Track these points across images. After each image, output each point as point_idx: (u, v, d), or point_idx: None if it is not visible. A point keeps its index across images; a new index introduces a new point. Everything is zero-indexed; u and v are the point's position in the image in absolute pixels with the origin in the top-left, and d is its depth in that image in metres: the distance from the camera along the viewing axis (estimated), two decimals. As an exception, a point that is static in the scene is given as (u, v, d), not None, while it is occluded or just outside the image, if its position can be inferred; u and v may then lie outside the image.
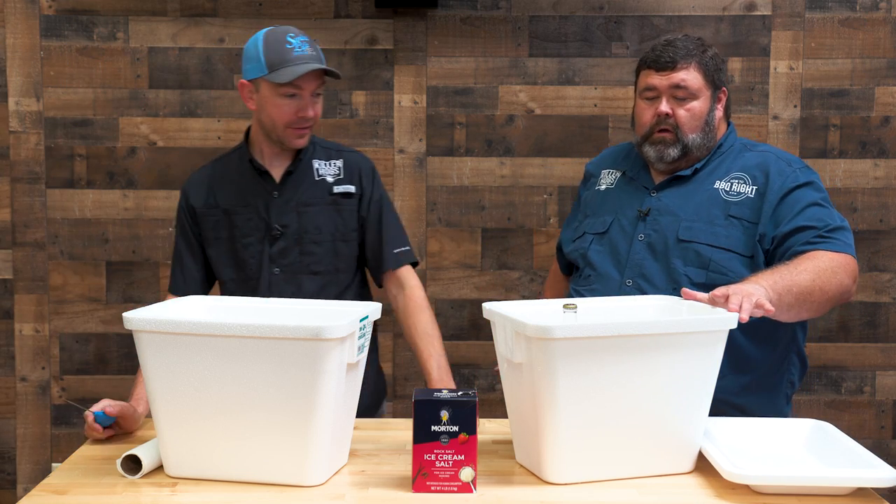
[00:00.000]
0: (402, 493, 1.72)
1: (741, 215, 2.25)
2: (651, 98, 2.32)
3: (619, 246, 2.33)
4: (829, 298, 2.12)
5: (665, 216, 2.30)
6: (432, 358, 2.33)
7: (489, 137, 3.21)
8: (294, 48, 2.27)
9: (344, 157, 2.44)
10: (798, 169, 2.29)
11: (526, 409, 1.78)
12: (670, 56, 2.28)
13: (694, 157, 2.33)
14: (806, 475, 1.72)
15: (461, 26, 3.18)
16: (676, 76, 2.28)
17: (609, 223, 2.38)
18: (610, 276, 2.31)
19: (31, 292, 3.23)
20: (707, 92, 2.31)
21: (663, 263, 2.27)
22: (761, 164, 2.30)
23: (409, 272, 2.44)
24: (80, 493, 1.74)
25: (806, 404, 3.25)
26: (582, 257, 2.40)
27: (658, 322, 1.79)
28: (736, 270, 2.21)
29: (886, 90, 3.19)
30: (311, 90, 2.31)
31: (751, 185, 2.28)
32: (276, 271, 2.37)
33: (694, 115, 2.29)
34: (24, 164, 3.20)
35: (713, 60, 2.32)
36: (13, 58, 3.17)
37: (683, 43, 2.31)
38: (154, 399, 1.77)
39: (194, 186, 2.45)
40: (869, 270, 3.23)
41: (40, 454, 3.27)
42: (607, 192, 2.45)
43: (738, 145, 2.38)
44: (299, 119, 2.31)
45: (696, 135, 2.30)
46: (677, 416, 1.79)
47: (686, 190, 2.32)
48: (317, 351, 1.67)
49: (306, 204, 2.38)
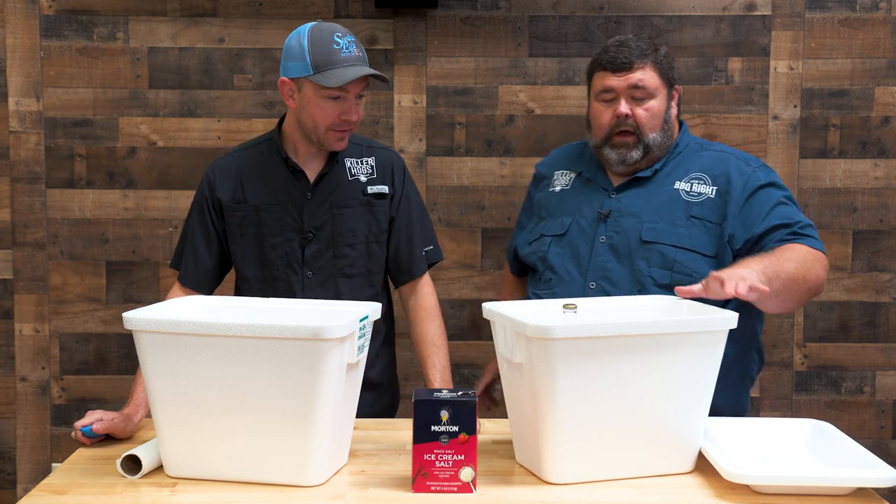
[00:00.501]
0: (402, 493, 1.72)
1: (703, 216, 2.27)
2: (609, 100, 2.31)
3: (579, 248, 2.32)
4: (809, 289, 2.17)
5: (627, 217, 2.30)
6: (435, 369, 2.33)
7: (489, 137, 3.21)
8: (342, 49, 2.20)
9: (375, 155, 2.39)
10: (757, 168, 2.32)
11: (526, 409, 1.78)
12: (626, 56, 2.28)
13: (654, 157, 2.33)
14: (806, 475, 1.72)
15: (461, 26, 3.18)
16: (634, 76, 2.28)
17: (568, 225, 2.36)
18: (572, 278, 2.30)
19: (31, 292, 3.23)
20: (663, 90, 2.31)
21: (627, 265, 2.26)
22: (720, 165, 2.32)
23: (424, 277, 2.42)
24: (80, 493, 1.74)
25: (806, 404, 3.25)
26: (541, 260, 2.37)
27: (658, 322, 1.79)
28: (700, 270, 2.22)
29: (886, 90, 3.19)
30: (356, 93, 2.24)
31: (711, 185, 2.29)
32: (308, 274, 2.32)
33: (653, 114, 2.29)
34: (24, 164, 3.20)
35: (666, 59, 2.33)
36: (13, 58, 3.17)
37: (636, 43, 2.31)
38: (154, 399, 1.77)
39: (221, 177, 2.36)
40: (869, 270, 3.23)
41: (40, 454, 3.27)
42: (563, 194, 2.43)
43: (693, 145, 2.39)
44: (342, 122, 2.25)
45: (657, 134, 2.30)
46: (677, 416, 1.79)
47: (646, 191, 2.32)
48: (317, 351, 1.68)
49: (340, 206, 2.33)
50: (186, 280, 2.37)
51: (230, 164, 2.38)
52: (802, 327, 3.24)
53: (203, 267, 2.37)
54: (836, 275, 3.22)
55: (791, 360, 3.24)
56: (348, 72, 2.19)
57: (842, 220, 3.22)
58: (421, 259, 2.41)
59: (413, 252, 2.39)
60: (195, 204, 2.39)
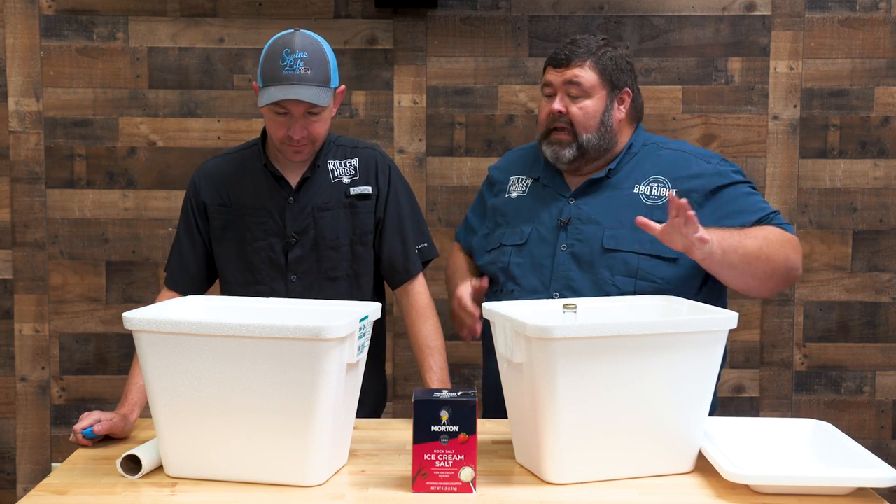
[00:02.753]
0: (402, 493, 1.72)
1: (664, 220, 2.23)
2: (549, 95, 2.32)
3: (540, 257, 2.29)
4: (775, 269, 2.15)
5: (587, 225, 2.27)
6: (432, 371, 2.31)
7: (489, 137, 3.21)
8: (286, 66, 2.16)
9: (359, 156, 2.36)
10: (718, 164, 2.30)
11: (526, 409, 1.78)
12: (566, 53, 2.28)
13: (593, 158, 2.30)
14: (806, 475, 1.72)
15: (461, 26, 3.18)
16: (569, 72, 2.27)
17: (528, 234, 2.32)
18: (535, 289, 2.26)
19: (31, 292, 3.23)
20: (602, 91, 2.28)
21: (589, 273, 2.24)
22: (680, 165, 2.29)
23: (418, 276, 2.40)
24: (80, 493, 1.74)
25: (806, 404, 3.25)
26: (503, 271, 2.32)
27: (658, 322, 1.79)
28: (664, 275, 2.21)
29: (886, 90, 3.19)
30: (301, 112, 2.19)
31: (670, 188, 2.26)
32: (293, 279, 2.30)
33: (587, 113, 2.27)
34: (23, 164, 3.20)
35: (614, 61, 2.29)
36: (13, 58, 3.17)
37: (586, 41, 2.30)
38: (154, 399, 1.77)
39: (206, 180, 2.36)
40: (869, 270, 3.23)
41: (40, 454, 3.27)
42: (520, 200, 2.39)
43: (650, 144, 2.35)
44: (288, 138, 2.22)
45: (591, 134, 2.27)
46: (677, 416, 1.79)
47: (605, 196, 2.29)
48: (316, 351, 1.67)
49: (322, 209, 2.31)
50: (174, 284, 2.36)
51: (215, 168, 2.38)
52: (802, 327, 3.24)
53: (189, 271, 2.36)
54: (836, 275, 3.22)
55: (791, 360, 3.24)
56: (278, 92, 2.16)
57: (842, 220, 3.22)
58: (416, 258, 2.40)
59: (408, 251, 2.38)
60: (183, 208, 2.40)
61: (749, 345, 3.23)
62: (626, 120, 2.33)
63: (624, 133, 2.34)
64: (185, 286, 2.33)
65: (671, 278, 2.21)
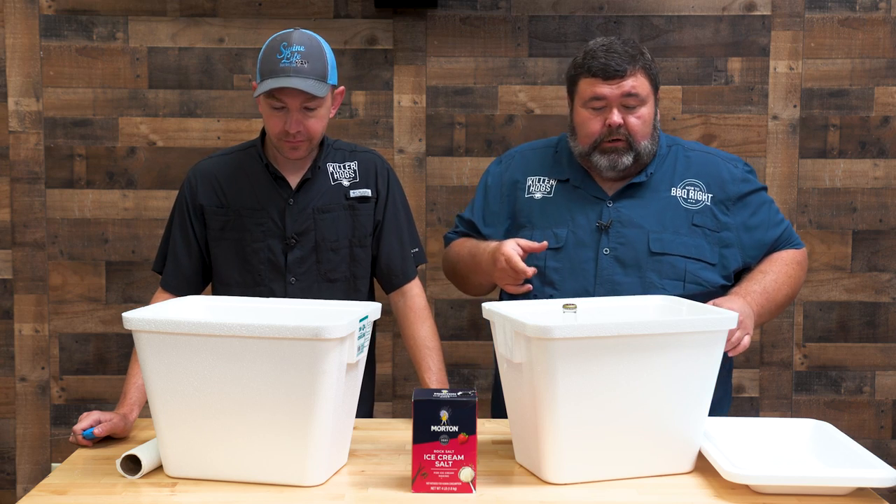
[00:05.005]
0: (402, 493, 1.72)
1: (703, 224, 2.28)
2: (599, 108, 2.22)
3: (580, 261, 2.26)
4: (794, 297, 2.37)
5: (630, 228, 2.26)
6: (431, 371, 2.31)
7: (489, 137, 3.21)
8: (283, 59, 2.16)
9: (358, 159, 2.36)
10: (745, 170, 2.36)
11: (526, 409, 1.78)
12: (618, 64, 2.19)
13: (645, 163, 2.30)
14: (806, 475, 1.72)
15: (461, 26, 3.18)
16: (627, 84, 2.20)
17: (564, 237, 2.28)
18: (577, 293, 2.22)
19: (31, 292, 3.23)
20: (653, 96, 2.27)
21: (636, 277, 2.23)
22: (711, 169, 2.33)
23: (415, 279, 2.40)
24: (80, 493, 1.74)
25: (806, 404, 3.25)
26: (537, 276, 2.25)
27: (658, 322, 1.79)
28: (709, 280, 2.25)
29: (886, 90, 3.19)
30: (298, 105, 2.18)
31: (706, 192, 2.29)
32: (292, 280, 2.29)
33: (645, 121, 2.24)
34: (23, 164, 3.20)
35: (652, 62, 2.28)
36: (13, 58, 3.17)
37: (624, 48, 2.23)
38: (154, 399, 1.77)
39: (202, 182, 2.34)
40: (869, 270, 3.23)
41: (40, 454, 3.27)
42: (546, 202, 2.33)
43: (674, 146, 2.36)
44: (285, 133, 2.21)
45: (647, 141, 2.26)
46: (677, 416, 1.79)
47: (644, 199, 2.29)
48: (316, 351, 1.68)
49: (322, 210, 2.30)
50: (168, 286, 2.34)
51: (211, 169, 2.35)
52: (802, 327, 3.24)
53: (184, 273, 2.34)
54: (836, 275, 3.22)
55: (791, 360, 3.24)
56: (276, 81, 2.14)
57: (842, 220, 3.22)
58: (412, 261, 2.40)
59: (405, 255, 2.38)
60: (177, 209, 2.36)
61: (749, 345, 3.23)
62: None
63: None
64: (180, 289, 2.32)
65: (714, 282, 2.27)
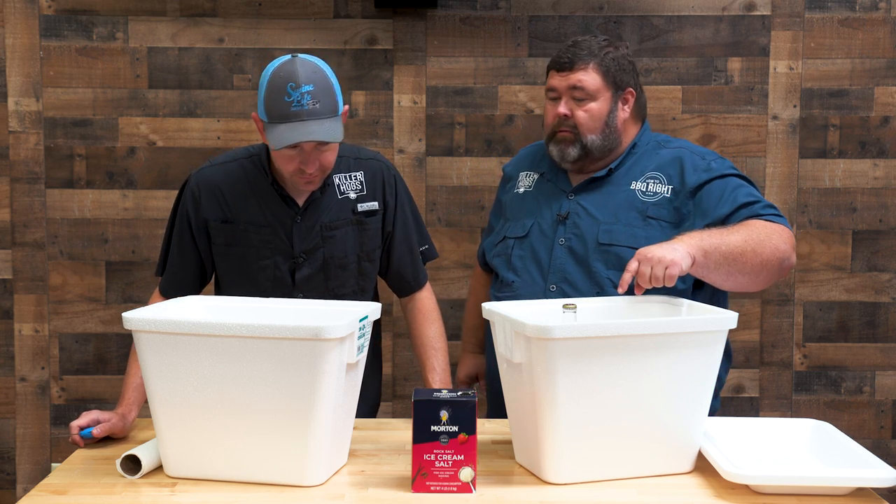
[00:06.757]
0: (402, 493, 1.72)
1: (659, 216, 2.26)
2: (553, 98, 2.33)
3: (539, 250, 2.32)
4: (764, 262, 2.12)
5: (584, 219, 2.30)
6: (435, 372, 2.32)
7: (489, 137, 3.21)
8: (293, 102, 2.05)
9: (364, 168, 2.30)
10: (712, 161, 2.30)
11: (526, 409, 1.78)
12: (568, 57, 2.29)
13: (597, 157, 2.31)
14: (806, 475, 1.72)
15: (461, 26, 3.18)
16: (574, 77, 2.28)
17: (529, 227, 2.36)
18: (534, 280, 2.30)
19: (31, 292, 3.23)
20: (607, 93, 2.29)
21: (585, 267, 2.26)
22: (675, 161, 2.31)
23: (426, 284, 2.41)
24: (80, 493, 1.74)
25: (806, 404, 3.25)
26: (505, 263, 2.36)
27: (658, 322, 1.79)
28: None
29: (886, 90, 3.19)
30: (313, 146, 2.10)
31: (666, 184, 2.28)
32: (299, 297, 2.24)
33: (592, 115, 2.28)
34: (23, 164, 3.20)
35: (616, 61, 2.30)
36: (13, 58, 3.17)
37: (587, 43, 2.31)
38: (154, 399, 1.77)
39: (206, 194, 2.26)
40: (869, 270, 3.23)
41: (40, 454, 3.27)
42: (525, 195, 2.42)
43: (652, 143, 2.37)
44: (300, 171, 2.13)
45: (596, 136, 2.29)
46: (677, 416, 1.79)
47: (603, 192, 2.32)
48: (316, 351, 1.68)
49: (331, 227, 2.25)
50: (167, 294, 2.30)
51: (216, 181, 2.27)
52: (802, 327, 3.24)
53: (180, 280, 2.30)
54: (836, 275, 3.22)
55: (791, 360, 3.24)
56: (290, 132, 2.05)
57: (841, 220, 3.22)
58: (423, 267, 2.40)
59: (416, 262, 2.38)
60: (178, 216, 2.30)
61: (749, 345, 3.23)
62: (630, 119, 2.35)
63: (629, 132, 2.35)
64: (177, 295, 2.29)
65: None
